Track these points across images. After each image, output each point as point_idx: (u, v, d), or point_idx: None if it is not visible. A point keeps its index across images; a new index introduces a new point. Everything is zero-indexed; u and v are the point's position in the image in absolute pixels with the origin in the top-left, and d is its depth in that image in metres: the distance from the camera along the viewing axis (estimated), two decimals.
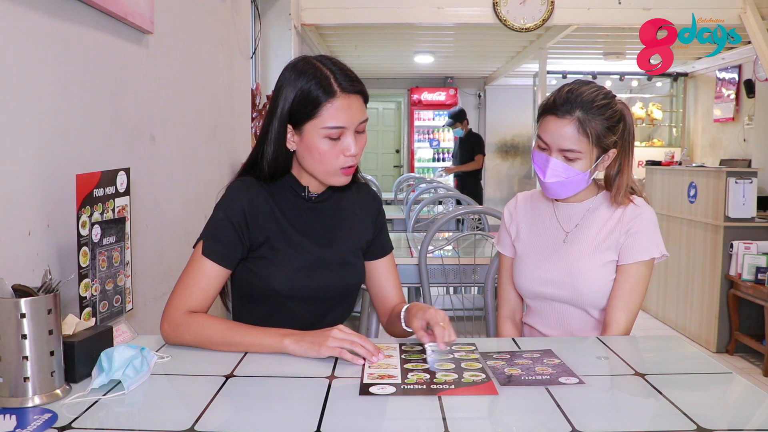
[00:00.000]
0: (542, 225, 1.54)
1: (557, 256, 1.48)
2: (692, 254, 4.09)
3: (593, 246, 1.45)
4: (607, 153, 1.42)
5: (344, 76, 1.20)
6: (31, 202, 1.16)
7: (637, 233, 1.43)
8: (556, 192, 1.45)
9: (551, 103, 1.41)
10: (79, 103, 1.34)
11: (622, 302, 1.42)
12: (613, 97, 1.41)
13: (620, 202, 1.45)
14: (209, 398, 0.94)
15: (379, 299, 1.43)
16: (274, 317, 1.29)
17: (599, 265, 1.44)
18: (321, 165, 1.23)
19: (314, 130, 1.20)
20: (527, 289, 1.53)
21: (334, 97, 1.18)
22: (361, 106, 1.23)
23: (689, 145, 7.37)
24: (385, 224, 1.46)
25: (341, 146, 1.21)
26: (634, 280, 1.43)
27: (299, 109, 1.20)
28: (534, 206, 1.58)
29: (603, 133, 1.38)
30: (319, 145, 1.21)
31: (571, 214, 1.50)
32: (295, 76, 1.21)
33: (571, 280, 1.45)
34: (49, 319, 0.91)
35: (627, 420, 0.88)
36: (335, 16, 4.43)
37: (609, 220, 1.46)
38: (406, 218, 4.05)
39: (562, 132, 1.38)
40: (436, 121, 8.81)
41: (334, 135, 1.20)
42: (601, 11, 4.39)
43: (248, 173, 1.31)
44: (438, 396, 0.95)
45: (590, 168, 1.42)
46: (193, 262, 1.23)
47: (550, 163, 1.40)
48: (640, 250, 1.42)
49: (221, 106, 2.53)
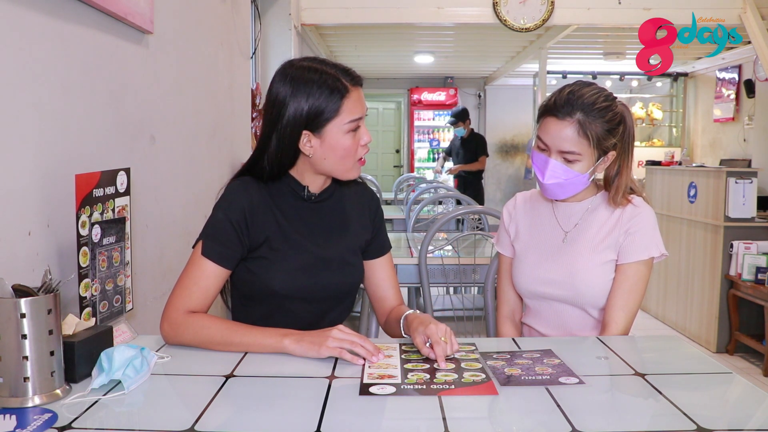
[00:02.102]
0: (541, 225, 1.54)
1: (556, 256, 1.48)
2: (692, 254, 4.09)
3: (592, 246, 1.45)
4: (606, 155, 1.42)
5: (345, 72, 1.25)
6: (31, 202, 1.16)
7: (636, 233, 1.43)
8: (555, 193, 1.46)
9: (552, 105, 1.40)
10: (79, 103, 1.34)
11: (622, 301, 1.42)
12: (614, 99, 1.41)
13: (619, 202, 1.45)
14: (209, 398, 0.94)
15: (377, 299, 1.43)
16: (273, 317, 1.29)
17: (598, 265, 1.44)
18: (344, 160, 1.27)
19: (337, 128, 1.24)
20: (526, 289, 1.53)
21: (348, 92, 1.23)
22: (362, 94, 1.29)
23: (689, 145, 7.37)
24: (384, 223, 1.47)
25: (358, 137, 1.27)
26: (634, 279, 1.43)
27: (319, 114, 1.22)
28: (533, 206, 1.58)
29: (603, 136, 1.38)
30: (343, 142, 1.25)
31: (570, 214, 1.50)
32: (302, 85, 1.22)
33: (571, 280, 1.45)
34: (49, 319, 0.91)
35: (627, 420, 0.88)
36: (335, 16, 4.43)
37: (608, 220, 1.46)
38: (406, 218, 4.05)
39: (562, 134, 1.38)
40: (436, 121, 8.81)
41: (354, 127, 1.25)
42: (601, 11, 4.38)
43: (247, 173, 1.32)
44: (438, 396, 0.95)
45: (589, 170, 1.42)
46: (193, 262, 1.23)
47: (549, 165, 1.40)
48: (639, 249, 1.42)
49: (221, 106, 2.53)
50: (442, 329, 1.13)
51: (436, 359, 1.09)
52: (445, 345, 1.10)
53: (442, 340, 1.11)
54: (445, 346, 1.10)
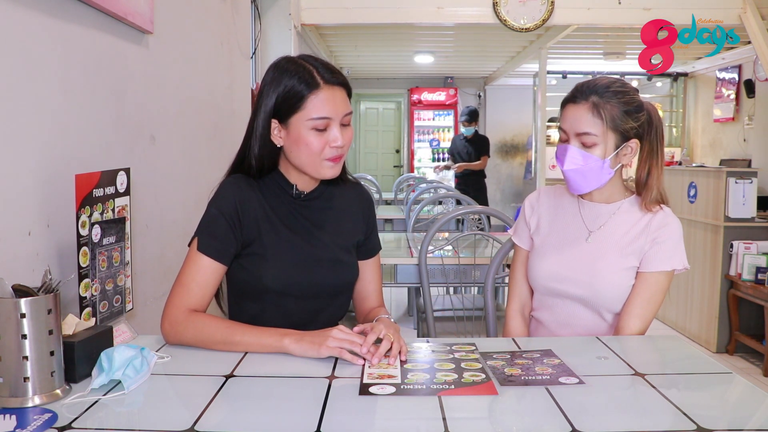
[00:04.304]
0: (564, 221, 1.53)
1: (578, 254, 1.47)
2: (692, 254, 4.09)
3: (618, 249, 1.44)
4: (627, 142, 1.41)
5: (326, 69, 1.24)
6: (31, 202, 1.16)
7: (663, 242, 1.41)
8: (578, 184, 1.44)
9: (570, 95, 1.44)
10: (79, 103, 1.34)
11: (639, 309, 1.41)
12: (632, 88, 1.43)
13: (649, 207, 1.44)
14: (209, 398, 0.94)
15: (360, 298, 1.45)
16: (268, 314, 1.30)
17: (621, 269, 1.43)
18: (309, 157, 1.25)
19: (301, 122, 1.22)
20: (541, 283, 1.51)
21: (318, 88, 1.21)
22: (345, 98, 1.26)
23: (689, 145, 7.37)
24: (376, 225, 1.48)
25: (327, 138, 1.24)
26: (654, 289, 1.42)
27: (284, 103, 1.22)
28: (558, 201, 1.57)
29: (619, 117, 1.38)
30: (306, 137, 1.23)
31: (597, 214, 1.49)
32: (279, 74, 1.24)
33: (590, 280, 1.43)
34: (49, 319, 0.91)
35: (627, 420, 0.88)
36: (335, 16, 4.43)
37: (636, 225, 1.45)
38: (406, 218, 4.05)
39: (577, 115, 1.40)
40: (436, 121, 8.81)
41: (320, 126, 1.22)
42: (601, 11, 4.38)
43: (238, 171, 1.33)
44: (438, 396, 0.95)
45: (609, 156, 1.40)
46: (189, 259, 1.24)
47: (568, 151, 1.41)
48: (664, 259, 1.41)
49: (221, 106, 2.53)
50: (390, 330, 1.16)
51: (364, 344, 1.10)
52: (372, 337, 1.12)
53: (386, 337, 1.12)
54: (373, 337, 1.12)
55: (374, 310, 1.40)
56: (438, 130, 8.84)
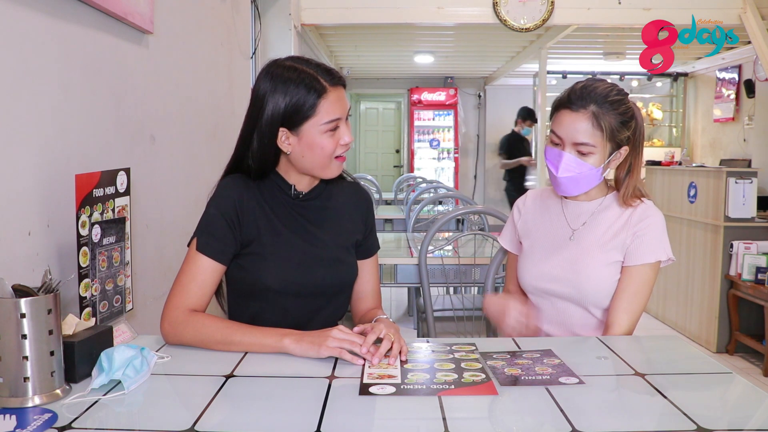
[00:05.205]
0: (549, 221, 1.55)
1: (562, 253, 1.48)
2: (692, 254, 4.09)
3: (599, 245, 1.45)
4: (619, 150, 1.42)
5: (326, 72, 1.25)
6: (31, 202, 1.16)
7: (644, 235, 1.42)
8: (568, 188, 1.45)
9: (566, 98, 1.42)
10: (79, 103, 1.34)
11: (626, 303, 1.41)
12: (626, 94, 1.43)
13: (628, 202, 1.45)
14: (209, 398, 0.94)
15: (357, 298, 1.45)
16: (267, 314, 1.30)
17: (604, 265, 1.44)
18: (322, 159, 1.26)
19: (314, 128, 1.24)
20: (529, 284, 1.53)
21: (326, 93, 1.23)
22: (345, 95, 1.29)
23: (689, 145, 7.37)
24: (374, 224, 1.48)
25: (337, 138, 1.26)
26: (639, 282, 1.42)
27: (295, 112, 1.23)
28: (543, 203, 1.59)
29: (617, 128, 1.39)
30: (320, 141, 1.25)
31: (579, 212, 1.51)
32: (281, 83, 1.23)
33: (575, 277, 1.45)
34: (49, 319, 0.91)
35: (627, 420, 0.88)
36: (335, 16, 4.43)
37: (617, 221, 1.46)
38: (406, 218, 4.05)
39: (577, 125, 1.39)
40: (437, 121, 8.80)
41: (332, 128, 1.25)
42: (601, 11, 4.38)
43: (236, 171, 1.33)
44: (438, 396, 0.95)
45: (603, 164, 1.41)
46: (189, 259, 1.24)
47: (563, 158, 1.41)
48: (647, 252, 1.42)
49: (221, 106, 2.53)
50: (390, 330, 1.16)
51: (364, 344, 1.11)
52: (372, 337, 1.12)
53: (386, 337, 1.13)
54: (373, 337, 1.12)
55: (371, 311, 1.40)
56: (438, 130, 8.83)
